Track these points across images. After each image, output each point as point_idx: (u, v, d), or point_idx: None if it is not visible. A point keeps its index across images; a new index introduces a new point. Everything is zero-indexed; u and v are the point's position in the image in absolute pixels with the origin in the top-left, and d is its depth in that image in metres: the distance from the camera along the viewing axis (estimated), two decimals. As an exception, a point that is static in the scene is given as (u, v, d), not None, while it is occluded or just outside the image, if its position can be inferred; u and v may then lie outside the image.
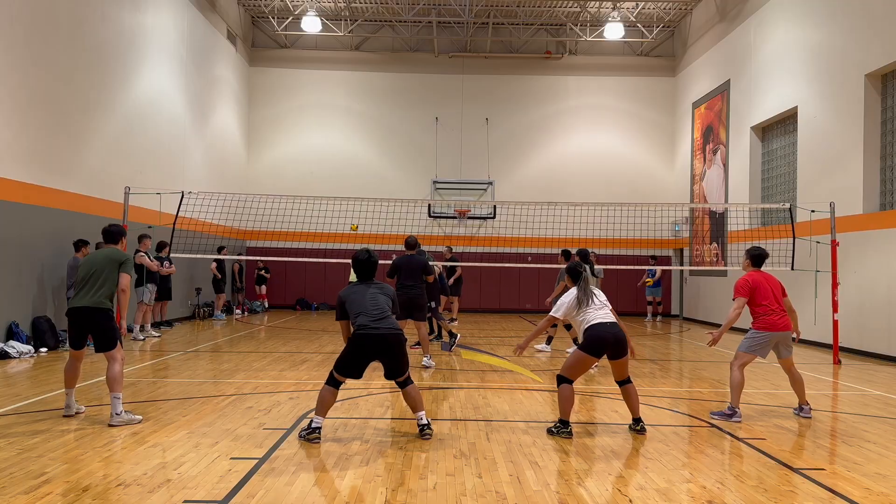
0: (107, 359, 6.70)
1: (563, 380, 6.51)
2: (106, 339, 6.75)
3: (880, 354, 12.78)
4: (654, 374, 10.62)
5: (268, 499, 4.58)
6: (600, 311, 6.59)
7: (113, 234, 7.22)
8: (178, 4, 17.89)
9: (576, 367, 6.52)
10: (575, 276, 6.85)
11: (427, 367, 10.41)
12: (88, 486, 4.75)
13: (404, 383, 6.32)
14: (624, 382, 6.62)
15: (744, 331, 8.14)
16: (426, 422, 6.29)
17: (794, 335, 7.57)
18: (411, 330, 10.56)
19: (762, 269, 7.69)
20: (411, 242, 11.11)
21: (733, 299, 7.46)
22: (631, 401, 6.62)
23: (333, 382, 6.20)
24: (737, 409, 7.26)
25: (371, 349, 6.13)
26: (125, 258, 6.94)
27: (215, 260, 18.49)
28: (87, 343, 7.02)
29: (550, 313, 6.87)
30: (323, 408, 6.14)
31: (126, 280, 6.86)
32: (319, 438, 6.05)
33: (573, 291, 6.74)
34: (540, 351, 12.67)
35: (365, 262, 6.46)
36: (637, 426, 6.61)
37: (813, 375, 10.66)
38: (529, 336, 6.95)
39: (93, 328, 6.75)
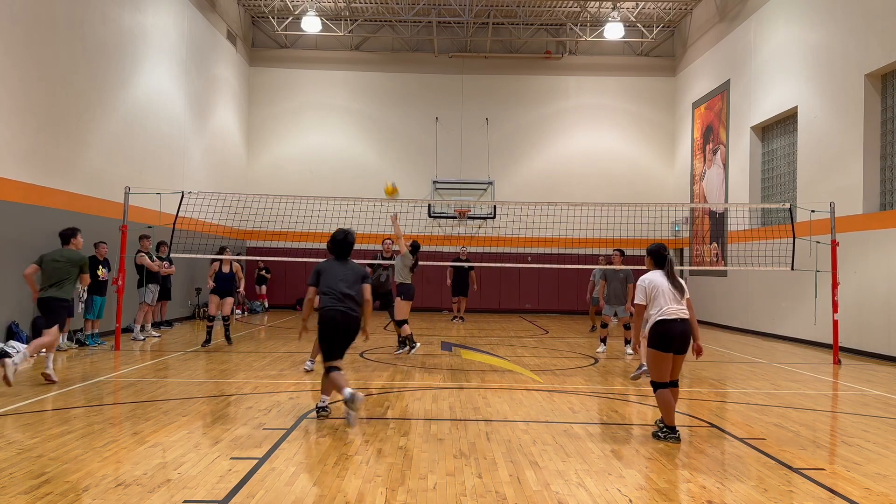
0: None
1: (656, 385, 6.33)
2: None
3: (880, 354, 12.77)
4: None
5: (268, 499, 4.57)
6: (674, 304, 6.32)
7: None
8: (178, 4, 17.89)
9: (655, 367, 6.31)
10: (659, 259, 6.59)
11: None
12: (88, 486, 4.75)
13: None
14: (672, 384, 6.36)
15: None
16: (325, 404, 6.98)
17: None
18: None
19: None
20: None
21: None
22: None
23: None
24: None
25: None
26: None
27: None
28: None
29: (634, 302, 6.53)
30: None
31: None
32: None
33: (654, 276, 6.44)
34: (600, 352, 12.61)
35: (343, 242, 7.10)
36: (668, 432, 6.26)
37: (813, 375, 10.67)
38: (634, 334, 6.81)
39: None
